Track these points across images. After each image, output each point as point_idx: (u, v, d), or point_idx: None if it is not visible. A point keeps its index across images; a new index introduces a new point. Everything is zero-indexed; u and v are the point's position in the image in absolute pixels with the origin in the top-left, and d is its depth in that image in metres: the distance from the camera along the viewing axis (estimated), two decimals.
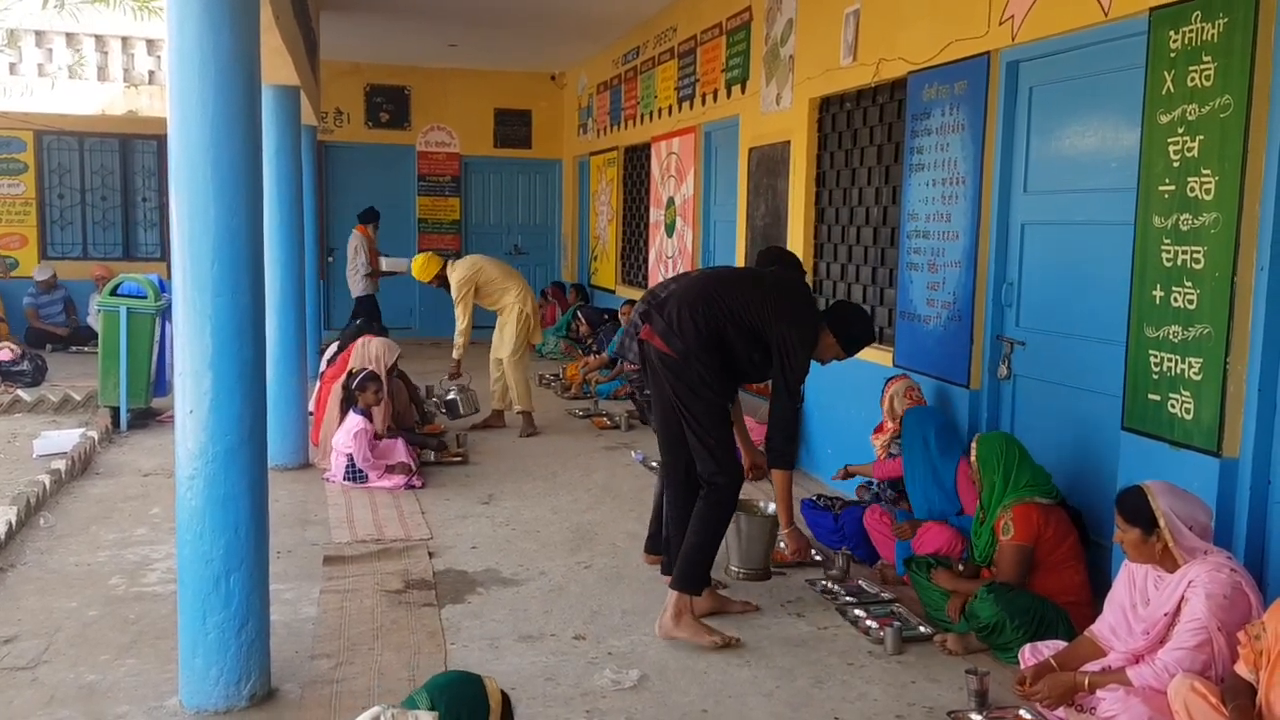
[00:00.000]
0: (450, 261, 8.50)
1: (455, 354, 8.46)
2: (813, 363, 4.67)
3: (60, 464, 6.64)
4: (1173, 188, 3.97)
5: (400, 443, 7.02)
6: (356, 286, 12.25)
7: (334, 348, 8.74)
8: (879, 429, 5.74)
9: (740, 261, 8.58)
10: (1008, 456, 4.40)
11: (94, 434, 7.52)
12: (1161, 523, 3.36)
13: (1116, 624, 3.58)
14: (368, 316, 12.07)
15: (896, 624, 4.40)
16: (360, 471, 6.71)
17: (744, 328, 4.45)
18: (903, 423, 5.24)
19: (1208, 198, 3.82)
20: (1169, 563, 3.42)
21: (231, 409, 3.58)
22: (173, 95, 3.51)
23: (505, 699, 2.70)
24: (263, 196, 3.73)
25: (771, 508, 4.99)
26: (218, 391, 3.57)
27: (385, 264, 12.25)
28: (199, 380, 3.56)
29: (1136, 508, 3.42)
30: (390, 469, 6.77)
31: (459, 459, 7.42)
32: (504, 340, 8.42)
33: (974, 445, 4.52)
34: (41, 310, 12.59)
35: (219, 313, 3.55)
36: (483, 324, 8.69)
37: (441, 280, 8.46)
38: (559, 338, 12.54)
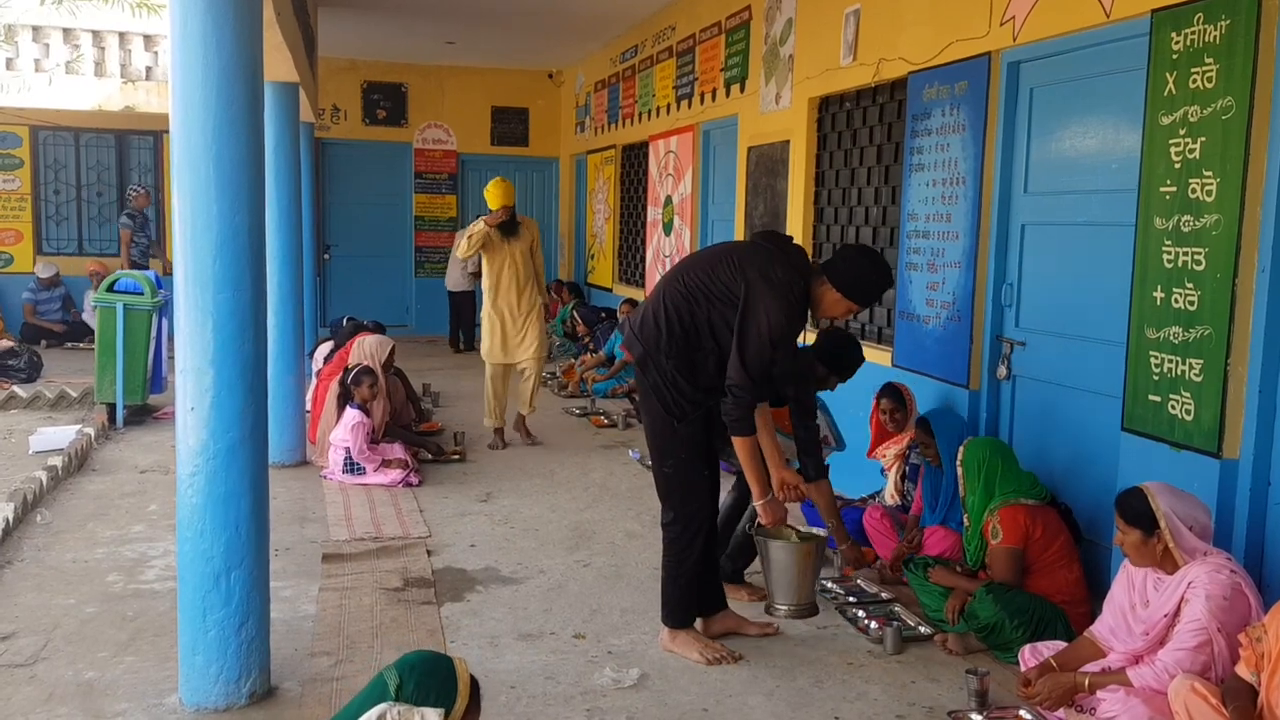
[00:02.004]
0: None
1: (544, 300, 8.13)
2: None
3: (57, 460, 6.62)
4: (1174, 189, 3.97)
5: (397, 445, 7.01)
6: (457, 282, 12.70)
7: (327, 346, 8.76)
8: (880, 442, 5.59)
9: None
10: (989, 465, 4.40)
11: (90, 430, 7.50)
12: (1162, 523, 3.37)
13: (1116, 625, 3.58)
14: (463, 311, 12.65)
15: (896, 624, 4.40)
16: (357, 465, 6.71)
17: (716, 301, 3.99)
18: (968, 449, 4.57)
19: (1209, 199, 3.82)
20: (1169, 564, 3.42)
21: (233, 406, 3.58)
22: (175, 92, 3.50)
23: (474, 682, 2.70)
24: (264, 193, 3.73)
25: (816, 530, 4.51)
26: (219, 388, 3.56)
27: None
28: (200, 377, 3.55)
29: (1137, 509, 3.42)
30: (387, 463, 6.77)
31: (457, 457, 7.41)
32: (527, 341, 7.74)
33: (961, 449, 4.51)
34: (39, 307, 12.57)
35: (220, 309, 3.54)
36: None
37: (510, 215, 7.58)
38: (557, 335, 12.57)
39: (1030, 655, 3.82)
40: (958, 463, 4.52)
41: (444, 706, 2.59)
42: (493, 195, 7.59)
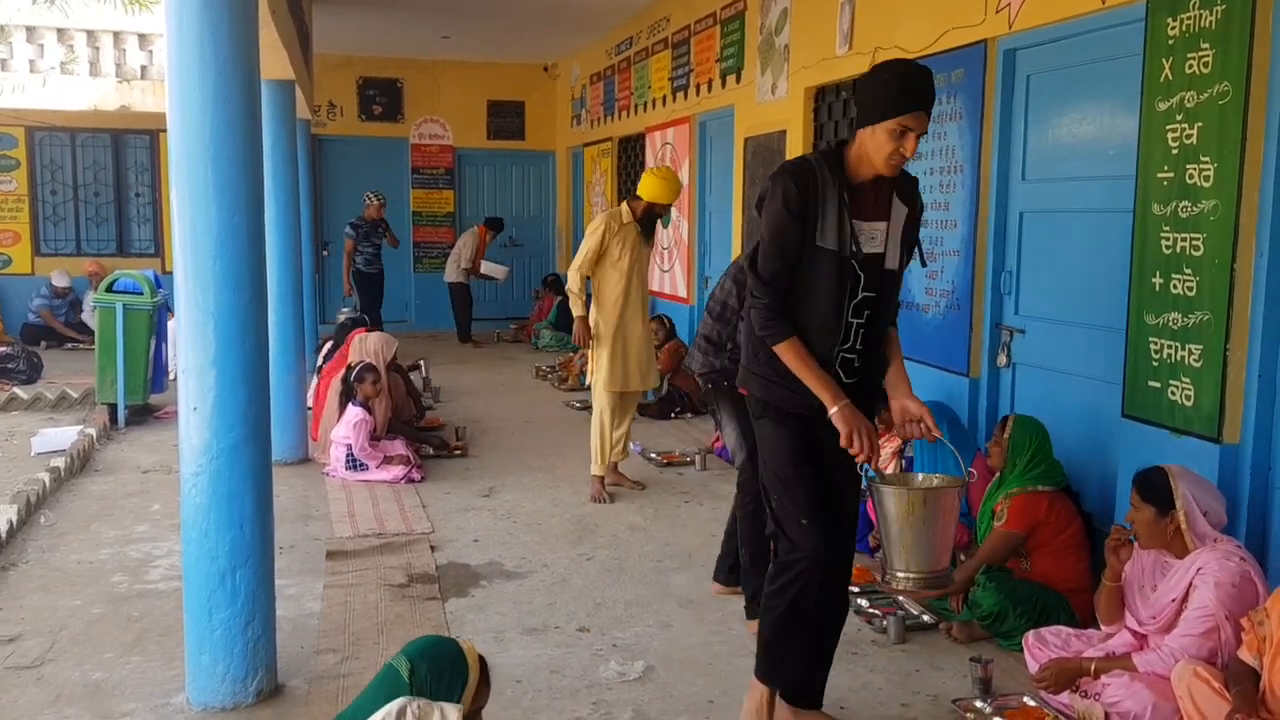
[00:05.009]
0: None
1: None
2: None
3: (59, 461, 6.63)
4: (1171, 175, 3.98)
5: (399, 441, 7.02)
6: (450, 274, 12.97)
7: (330, 343, 8.76)
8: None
9: (735, 251, 8.59)
10: (1036, 444, 4.39)
11: (92, 431, 7.50)
12: (1179, 504, 3.37)
13: (1129, 605, 3.60)
14: (460, 303, 12.95)
15: (899, 612, 4.41)
16: (360, 462, 6.72)
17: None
18: (1017, 425, 4.57)
19: (1206, 185, 3.82)
20: (1179, 547, 3.43)
21: (235, 405, 3.58)
22: (172, 92, 3.50)
23: (482, 660, 2.72)
24: (263, 192, 3.73)
25: (934, 480, 3.62)
26: (221, 388, 3.56)
27: (484, 267, 12.91)
28: (202, 377, 3.56)
29: (1156, 487, 3.43)
30: (389, 460, 6.78)
31: (458, 452, 7.42)
32: (651, 365, 6.57)
33: (1010, 422, 4.49)
34: (55, 313, 12.55)
35: (221, 309, 3.54)
36: (481, 316, 8.38)
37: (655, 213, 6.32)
38: (553, 330, 12.61)
39: (1034, 642, 3.83)
40: (1005, 434, 4.46)
41: (458, 685, 2.61)
42: (665, 189, 6.20)
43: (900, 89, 3.07)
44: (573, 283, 6.28)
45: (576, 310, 6.27)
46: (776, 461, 3.30)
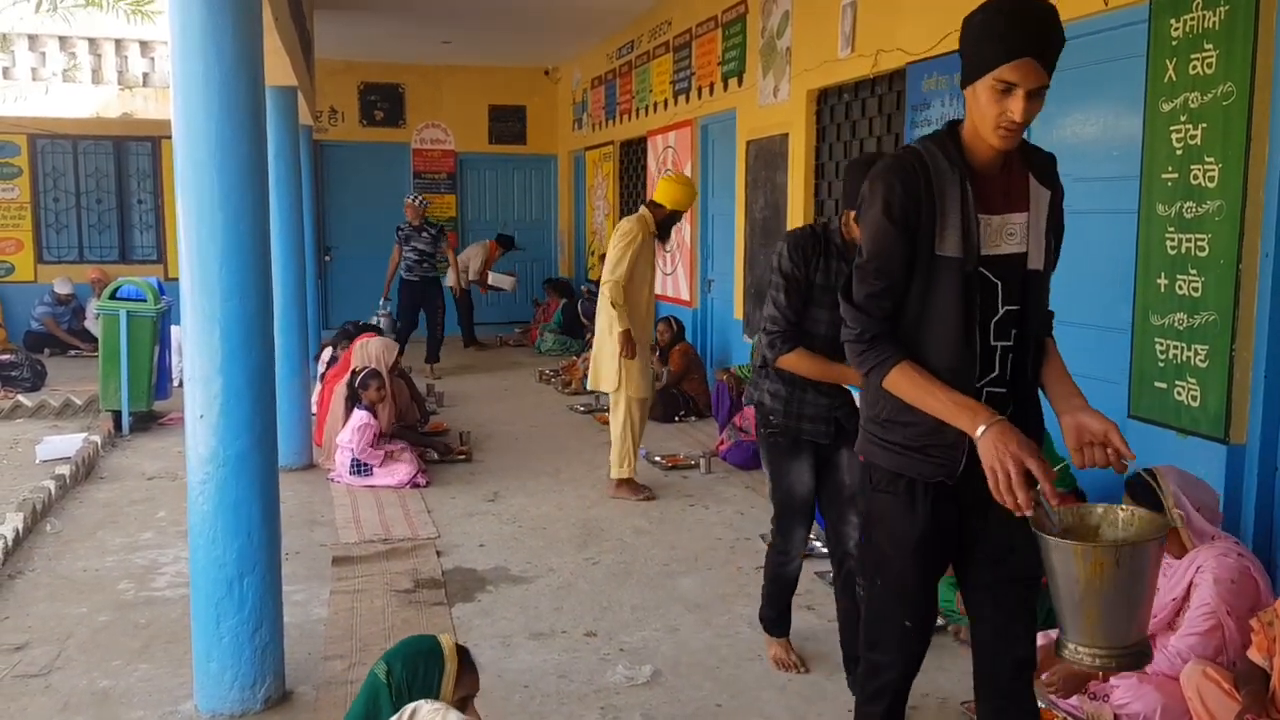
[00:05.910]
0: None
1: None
2: None
3: (65, 469, 6.63)
4: (1176, 175, 3.98)
5: (405, 446, 7.02)
6: (447, 278, 12.62)
7: (330, 350, 8.78)
8: None
9: (740, 253, 8.59)
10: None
11: (97, 438, 7.51)
12: (1170, 502, 3.38)
13: None
14: (462, 308, 12.78)
15: None
16: (365, 466, 6.71)
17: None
18: None
19: (1211, 185, 3.83)
20: (1176, 546, 3.43)
21: (241, 413, 3.59)
22: (176, 101, 3.51)
23: (462, 650, 2.74)
24: (269, 200, 3.73)
25: (1119, 515, 2.51)
26: (227, 396, 3.57)
27: (491, 278, 12.90)
28: (208, 385, 3.56)
29: (1146, 488, 3.43)
30: (391, 455, 6.77)
31: (463, 457, 7.42)
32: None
33: None
34: (58, 321, 12.56)
35: (227, 317, 3.55)
36: (486, 320, 8.36)
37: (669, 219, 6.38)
38: (556, 333, 12.62)
39: (1040, 640, 3.81)
40: None
41: (435, 676, 2.64)
42: (686, 194, 6.42)
43: (998, 30, 2.35)
44: (616, 295, 6.13)
45: (623, 323, 6.12)
46: (895, 544, 2.60)
